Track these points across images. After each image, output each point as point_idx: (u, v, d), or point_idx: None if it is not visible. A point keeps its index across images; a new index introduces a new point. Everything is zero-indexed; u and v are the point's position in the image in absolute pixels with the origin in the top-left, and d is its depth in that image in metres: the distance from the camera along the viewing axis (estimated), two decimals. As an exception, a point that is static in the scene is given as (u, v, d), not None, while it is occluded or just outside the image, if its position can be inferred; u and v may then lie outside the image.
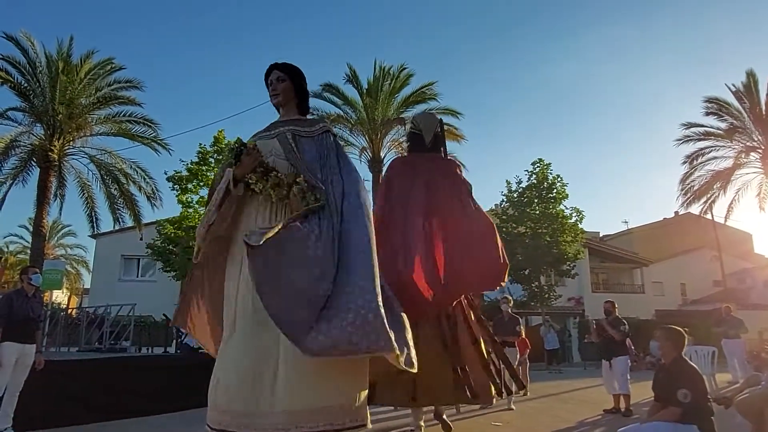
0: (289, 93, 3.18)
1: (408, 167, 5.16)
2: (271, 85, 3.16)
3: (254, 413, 2.48)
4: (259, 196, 2.88)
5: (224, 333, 2.83)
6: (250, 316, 2.65)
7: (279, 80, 3.14)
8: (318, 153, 3.00)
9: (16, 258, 35.16)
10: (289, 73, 3.17)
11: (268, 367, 2.54)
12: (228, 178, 2.85)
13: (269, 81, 3.17)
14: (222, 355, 2.75)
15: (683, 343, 3.66)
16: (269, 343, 2.57)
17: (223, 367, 2.68)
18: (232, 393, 2.55)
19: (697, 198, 21.23)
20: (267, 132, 3.18)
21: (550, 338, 17.01)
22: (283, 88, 3.14)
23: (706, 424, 3.33)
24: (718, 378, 8.85)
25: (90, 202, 16.12)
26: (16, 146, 14.95)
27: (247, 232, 2.67)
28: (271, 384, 2.51)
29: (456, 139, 19.06)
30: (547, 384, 10.87)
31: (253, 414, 2.48)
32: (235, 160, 2.85)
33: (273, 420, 2.45)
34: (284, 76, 3.15)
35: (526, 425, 5.65)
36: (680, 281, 29.46)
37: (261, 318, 2.55)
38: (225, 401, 2.57)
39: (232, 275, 2.87)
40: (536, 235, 18.57)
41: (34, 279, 5.28)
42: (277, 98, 3.16)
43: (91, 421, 5.84)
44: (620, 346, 6.89)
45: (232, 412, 2.53)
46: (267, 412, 2.47)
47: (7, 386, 4.93)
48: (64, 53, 15.35)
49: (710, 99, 20.47)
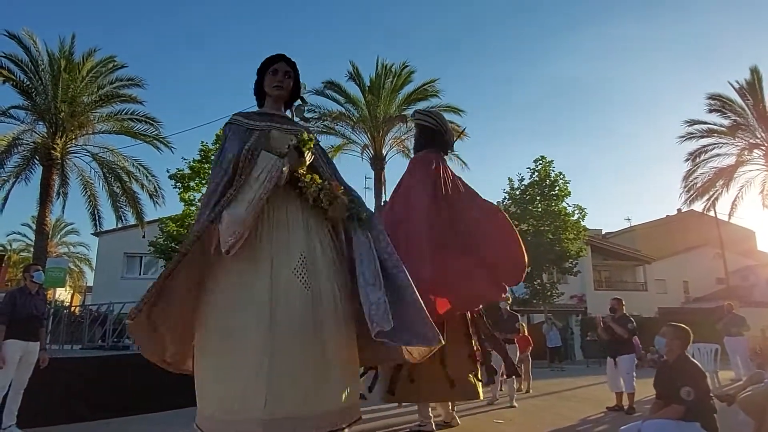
0: (290, 90, 3.19)
1: (446, 166, 5.18)
2: (275, 74, 3.11)
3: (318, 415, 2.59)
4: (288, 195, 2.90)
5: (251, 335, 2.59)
6: (301, 322, 2.65)
7: (286, 75, 3.12)
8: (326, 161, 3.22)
9: (19, 256, 35.27)
10: (295, 71, 3.18)
11: (323, 371, 2.65)
12: (280, 167, 2.77)
13: (273, 69, 3.11)
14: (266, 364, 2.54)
15: (690, 341, 3.66)
16: (319, 348, 2.66)
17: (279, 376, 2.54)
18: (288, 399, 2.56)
19: (700, 195, 21.19)
20: (275, 123, 3.09)
21: (553, 336, 17.00)
22: (288, 84, 3.14)
23: (709, 421, 3.32)
24: (720, 375, 8.84)
25: (92, 200, 16.17)
26: (18, 144, 14.98)
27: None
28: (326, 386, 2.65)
29: (458, 137, 19.03)
30: (549, 382, 10.87)
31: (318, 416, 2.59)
32: (299, 153, 2.85)
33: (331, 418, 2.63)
34: (292, 72, 3.15)
35: (529, 423, 5.65)
36: (683, 279, 29.42)
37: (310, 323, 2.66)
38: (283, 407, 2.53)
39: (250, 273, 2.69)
40: (538, 233, 18.56)
41: (36, 276, 5.29)
42: (280, 91, 3.13)
43: (94, 418, 5.87)
44: (626, 343, 6.87)
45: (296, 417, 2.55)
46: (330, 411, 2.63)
47: (11, 384, 4.94)
48: (66, 51, 15.37)
49: (713, 96, 20.41)
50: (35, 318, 5.16)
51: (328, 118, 18.69)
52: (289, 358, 2.55)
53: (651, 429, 3.34)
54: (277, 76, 3.10)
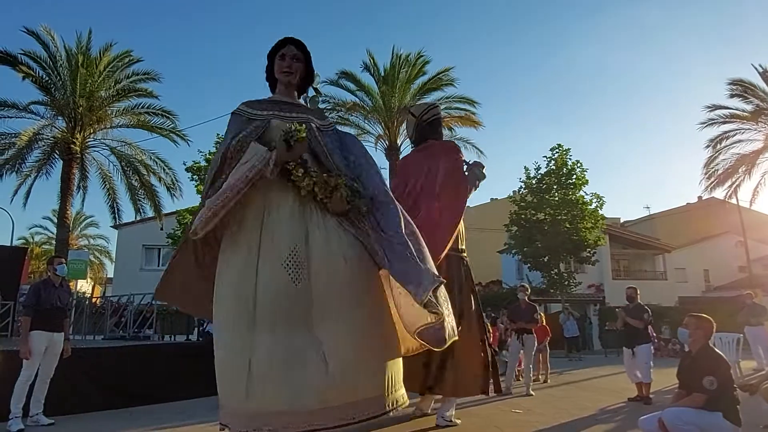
0: (299, 74, 3.05)
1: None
2: (283, 59, 2.99)
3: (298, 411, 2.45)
4: (284, 187, 2.75)
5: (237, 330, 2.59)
6: (284, 314, 2.54)
7: (295, 58, 3.00)
8: (340, 150, 2.99)
9: (42, 249, 35.97)
10: (306, 54, 3.05)
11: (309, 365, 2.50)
12: (268, 159, 2.64)
13: (281, 54, 3.00)
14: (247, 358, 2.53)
15: (713, 331, 3.62)
16: (307, 342, 2.54)
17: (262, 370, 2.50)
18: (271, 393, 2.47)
19: (722, 182, 20.78)
20: (279, 112, 2.96)
21: (570, 326, 16.87)
22: (298, 68, 3.01)
23: (732, 411, 3.29)
24: (742, 365, 8.71)
25: (111, 193, 16.40)
26: (39, 139, 15.23)
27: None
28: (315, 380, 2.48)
29: (473, 126, 18.91)
30: (567, 372, 10.82)
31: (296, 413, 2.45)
32: (290, 146, 2.66)
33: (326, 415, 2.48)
34: (300, 55, 3.02)
35: (547, 412, 5.63)
36: (703, 267, 28.94)
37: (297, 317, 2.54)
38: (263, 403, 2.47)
39: (238, 266, 2.67)
40: (555, 222, 18.38)
41: (59, 269, 5.39)
42: (289, 77, 2.99)
43: (118, 407, 5.99)
44: (643, 333, 6.80)
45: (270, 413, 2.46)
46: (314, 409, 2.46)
47: (38, 373, 5.06)
48: (83, 47, 15.53)
49: (735, 81, 19.92)
50: (59, 309, 5.26)
51: (343, 108, 18.68)
52: (271, 355, 2.50)
53: (672, 417, 3.31)
54: (284, 61, 2.98)
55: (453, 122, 18.88)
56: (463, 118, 18.87)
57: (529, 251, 19.33)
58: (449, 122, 18.87)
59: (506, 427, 4.73)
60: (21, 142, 14.52)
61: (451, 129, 18.99)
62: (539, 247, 18.78)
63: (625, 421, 5.22)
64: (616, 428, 4.94)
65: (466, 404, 6.11)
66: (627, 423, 5.10)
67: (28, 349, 4.89)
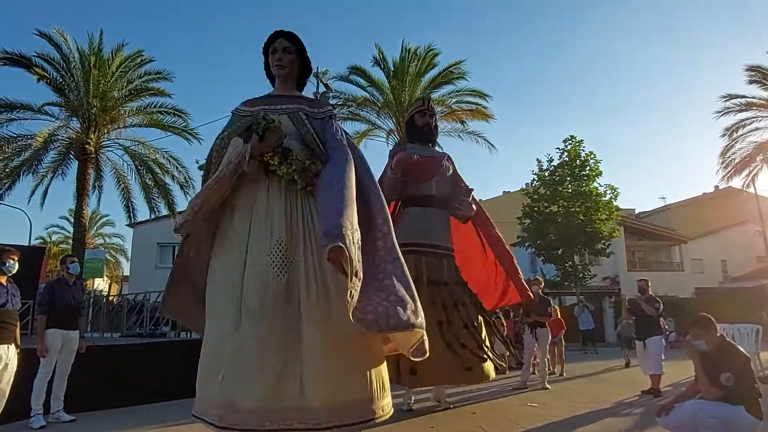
0: (293, 66, 2.99)
1: None
2: (275, 53, 2.95)
3: (276, 409, 2.34)
4: (269, 179, 2.66)
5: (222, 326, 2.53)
6: (269, 309, 2.45)
7: (286, 51, 2.94)
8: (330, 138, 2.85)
9: (59, 248, 36.50)
10: (297, 45, 2.98)
11: (293, 363, 2.38)
12: (243, 153, 2.60)
13: (273, 48, 2.96)
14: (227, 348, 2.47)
15: (713, 325, 3.56)
16: (292, 338, 2.41)
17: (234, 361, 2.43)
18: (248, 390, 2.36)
19: (739, 171, 20.49)
20: (270, 105, 2.90)
21: (584, 318, 16.74)
22: (290, 60, 2.95)
23: (754, 405, 3.25)
24: (762, 356, 8.59)
25: (126, 192, 16.56)
26: (54, 140, 15.40)
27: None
28: (298, 380, 2.36)
29: (485, 119, 18.78)
30: (582, 364, 10.76)
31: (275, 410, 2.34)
32: (259, 136, 2.59)
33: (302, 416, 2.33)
34: (292, 47, 2.96)
35: (562, 406, 5.60)
36: (721, 258, 28.57)
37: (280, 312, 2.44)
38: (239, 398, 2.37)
39: (227, 262, 2.63)
40: (569, 214, 18.25)
41: (71, 268, 5.46)
42: (282, 70, 2.95)
43: (137, 403, 6.07)
44: (654, 325, 6.76)
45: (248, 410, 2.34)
46: (295, 407, 2.33)
47: (55, 371, 5.14)
48: (96, 48, 15.66)
49: (752, 67, 19.58)
50: (73, 307, 5.33)
51: (353, 103, 18.66)
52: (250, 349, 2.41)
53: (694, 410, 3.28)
54: (276, 54, 2.94)
55: (464, 116, 18.77)
56: (475, 112, 18.73)
57: (543, 244, 19.23)
58: (460, 116, 18.76)
59: (521, 420, 4.71)
60: (37, 143, 14.70)
61: (463, 122, 18.89)
62: (553, 240, 18.67)
63: (638, 414, 5.18)
64: (629, 421, 4.90)
65: (483, 398, 6.12)
66: (640, 416, 5.07)
67: (44, 347, 4.96)
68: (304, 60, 3.05)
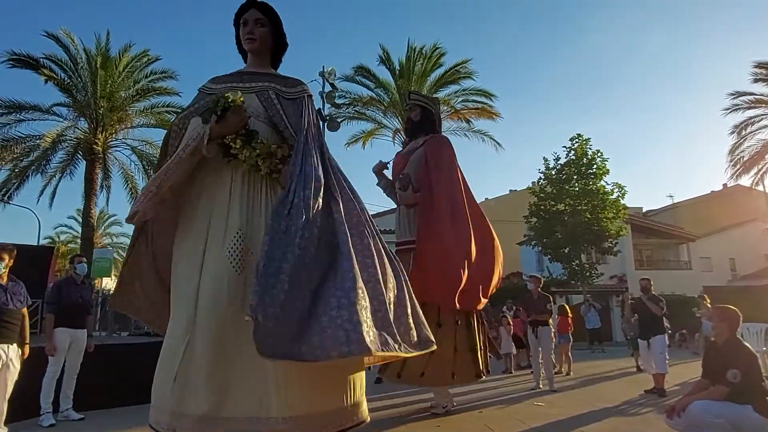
0: (266, 40, 2.74)
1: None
2: (245, 25, 2.70)
3: (226, 417, 2.16)
4: (232, 164, 2.44)
5: (178, 324, 2.31)
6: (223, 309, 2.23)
7: (257, 23, 2.69)
8: (301, 120, 2.57)
9: (67, 247, 36.75)
10: (271, 17, 2.73)
11: (247, 369, 2.19)
12: (201, 135, 2.37)
13: (244, 19, 2.71)
14: (179, 350, 2.25)
15: (738, 323, 3.53)
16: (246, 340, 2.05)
17: (184, 364, 2.23)
18: (195, 397, 2.18)
19: (747, 169, 20.38)
20: (239, 83, 2.65)
21: (591, 317, 16.68)
22: (262, 33, 2.70)
23: (762, 404, 3.22)
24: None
25: (134, 192, 16.69)
26: (62, 141, 15.56)
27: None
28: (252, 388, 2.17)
29: (491, 117, 18.75)
30: (589, 364, 10.72)
31: (224, 418, 2.16)
32: (218, 117, 2.34)
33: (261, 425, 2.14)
34: (264, 20, 2.71)
35: (570, 405, 5.59)
36: (729, 256, 28.34)
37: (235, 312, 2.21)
38: (186, 405, 2.19)
39: (186, 253, 2.40)
40: (576, 212, 18.17)
41: (79, 268, 5.53)
42: (253, 44, 2.69)
43: (147, 402, 6.04)
44: (658, 324, 6.73)
45: (196, 416, 2.17)
46: (250, 416, 2.15)
47: (64, 369, 5.19)
48: (102, 48, 15.80)
49: (760, 64, 19.41)
50: (81, 306, 5.38)
51: (359, 103, 18.68)
52: (203, 352, 2.20)
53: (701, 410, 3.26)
54: (247, 26, 2.69)
55: (470, 114, 18.75)
56: (481, 111, 18.71)
57: (550, 242, 19.16)
58: (466, 114, 18.74)
59: (527, 420, 4.71)
60: (45, 143, 14.85)
61: (469, 121, 18.87)
62: (560, 238, 18.60)
63: (645, 414, 5.15)
64: (636, 421, 4.88)
65: (490, 399, 6.11)
66: (647, 415, 5.05)
67: (53, 346, 5.01)
68: (280, 35, 2.80)
